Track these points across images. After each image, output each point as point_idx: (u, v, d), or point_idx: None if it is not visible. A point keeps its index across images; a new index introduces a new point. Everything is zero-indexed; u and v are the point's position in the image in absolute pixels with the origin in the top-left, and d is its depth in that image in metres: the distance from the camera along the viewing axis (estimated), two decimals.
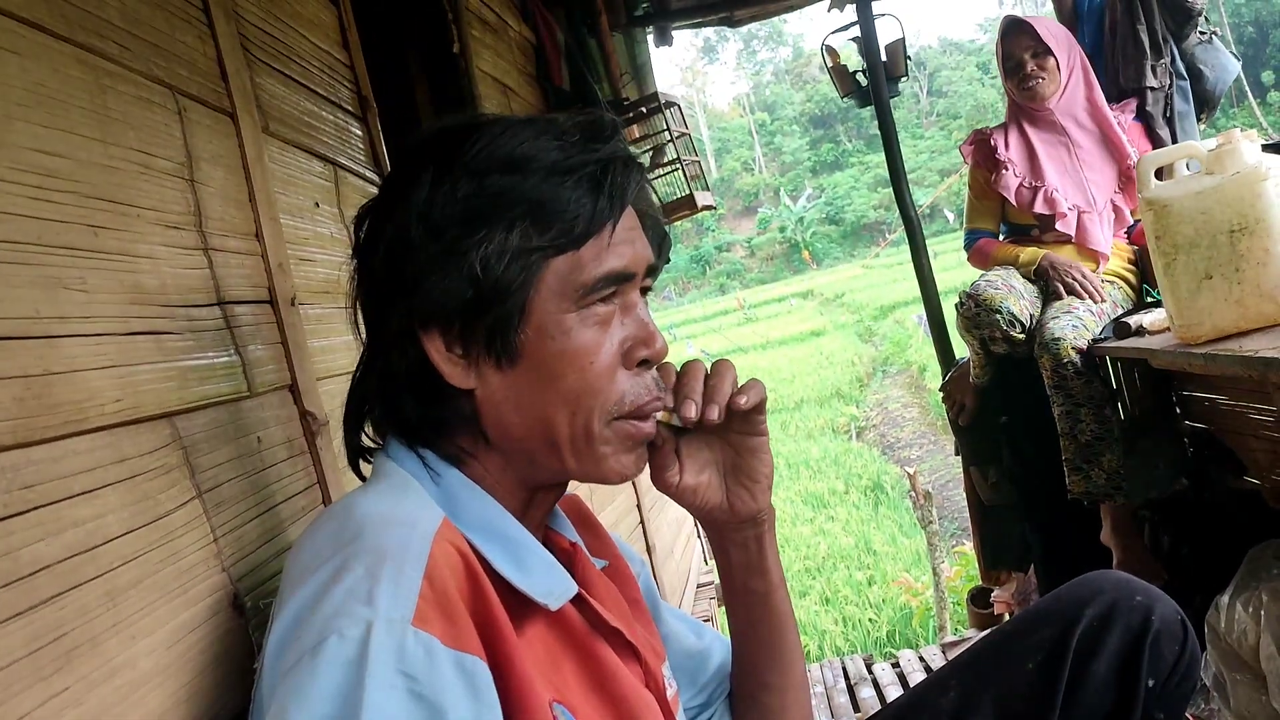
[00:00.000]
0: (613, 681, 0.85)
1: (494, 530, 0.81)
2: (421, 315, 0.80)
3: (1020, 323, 2.47)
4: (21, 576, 0.69)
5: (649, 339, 0.85)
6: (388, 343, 0.83)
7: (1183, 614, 1.07)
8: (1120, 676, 1.03)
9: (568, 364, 0.81)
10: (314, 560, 0.71)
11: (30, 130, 0.80)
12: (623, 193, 0.82)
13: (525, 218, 0.79)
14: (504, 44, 2.83)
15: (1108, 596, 1.06)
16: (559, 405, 0.82)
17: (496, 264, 0.79)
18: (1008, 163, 2.74)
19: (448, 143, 0.82)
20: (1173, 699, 1.05)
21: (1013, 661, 1.07)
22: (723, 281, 48.69)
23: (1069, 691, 1.03)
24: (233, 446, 1.01)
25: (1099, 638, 1.04)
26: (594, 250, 0.81)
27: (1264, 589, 1.70)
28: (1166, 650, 1.04)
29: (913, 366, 13.29)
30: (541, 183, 0.80)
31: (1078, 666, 1.04)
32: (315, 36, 1.50)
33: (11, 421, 0.71)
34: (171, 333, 0.94)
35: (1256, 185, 1.68)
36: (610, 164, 0.82)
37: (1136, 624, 1.04)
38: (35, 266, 0.78)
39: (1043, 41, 2.68)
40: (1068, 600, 1.09)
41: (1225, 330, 1.76)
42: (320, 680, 0.62)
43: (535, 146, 0.80)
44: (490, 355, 0.81)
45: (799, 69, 67.18)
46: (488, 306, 0.79)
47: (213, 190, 1.08)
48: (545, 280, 0.80)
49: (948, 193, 34.96)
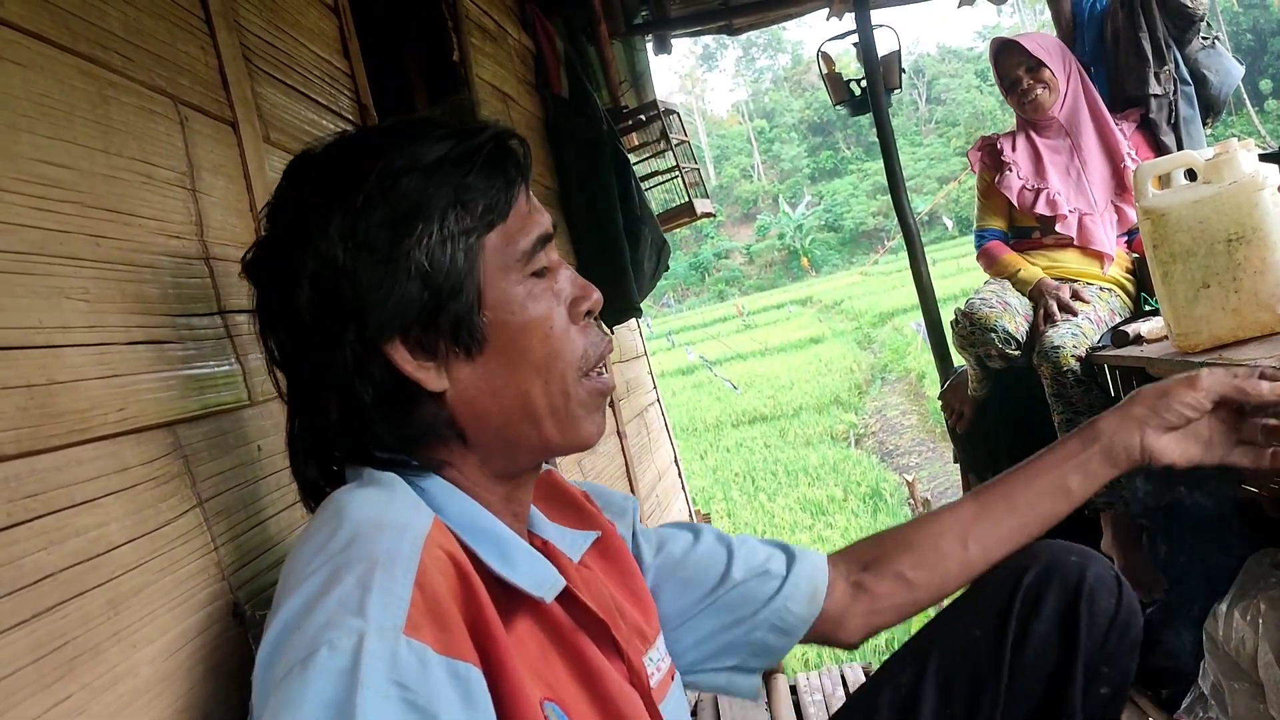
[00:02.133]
0: (599, 679, 0.86)
1: (479, 529, 0.82)
2: (378, 331, 0.80)
3: (1015, 339, 2.50)
4: (25, 585, 0.69)
5: (585, 290, 0.89)
6: (343, 377, 0.81)
7: (1117, 572, 1.11)
8: (1061, 633, 1.07)
9: (531, 334, 0.84)
10: (305, 568, 0.71)
11: (34, 141, 0.81)
12: (519, 162, 0.86)
13: (448, 205, 0.81)
14: (503, 52, 2.84)
15: (1044, 560, 1.10)
16: (533, 377, 0.84)
17: (441, 253, 0.80)
18: (1012, 164, 2.79)
19: (335, 167, 0.83)
20: (1115, 653, 1.08)
21: (960, 631, 1.11)
22: (721, 288, 48.69)
23: (1014, 654, 1.07)
24: (233, 455, 1.02)
25: (1039, 599, 1.08)
26: (517, 220, 0.85)
27: (1262, 597, 1.70)
28: (1103, 604, 1.07)
29: (911, 374, 13.28)
30: (453, 172, 0.82)
31: (1020, 629, 1.07)
32: (316, 45, 1.50)
33: (15, 431, 0.72)
34: (173, 342, 0.95)
35: (1253, 194, 1.69)
36: (499, 140, 0.85)
37: (1072, 582, 1.08)
38: (38, 276, 0.78)
39: (1033, 56, 2.72)
40: (1008, 569, 1.12)
41: (1223, 339, 1.76)
42: (312, 691, 0.62)
43: (425, 147, 0.82)
44: (458, 348, 0.82)
45: (798, 76, 67.28)
46: (445, 299, 0.80)
47: (214, 200, 1.09)
48: (487, 259, 0.83)
49: (946, 200, 35.02)
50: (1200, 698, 1.86)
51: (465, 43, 2.46)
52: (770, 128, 65.24)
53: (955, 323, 2.62)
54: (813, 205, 51.64)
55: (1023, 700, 1.06)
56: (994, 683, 1.06)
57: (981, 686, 1.07)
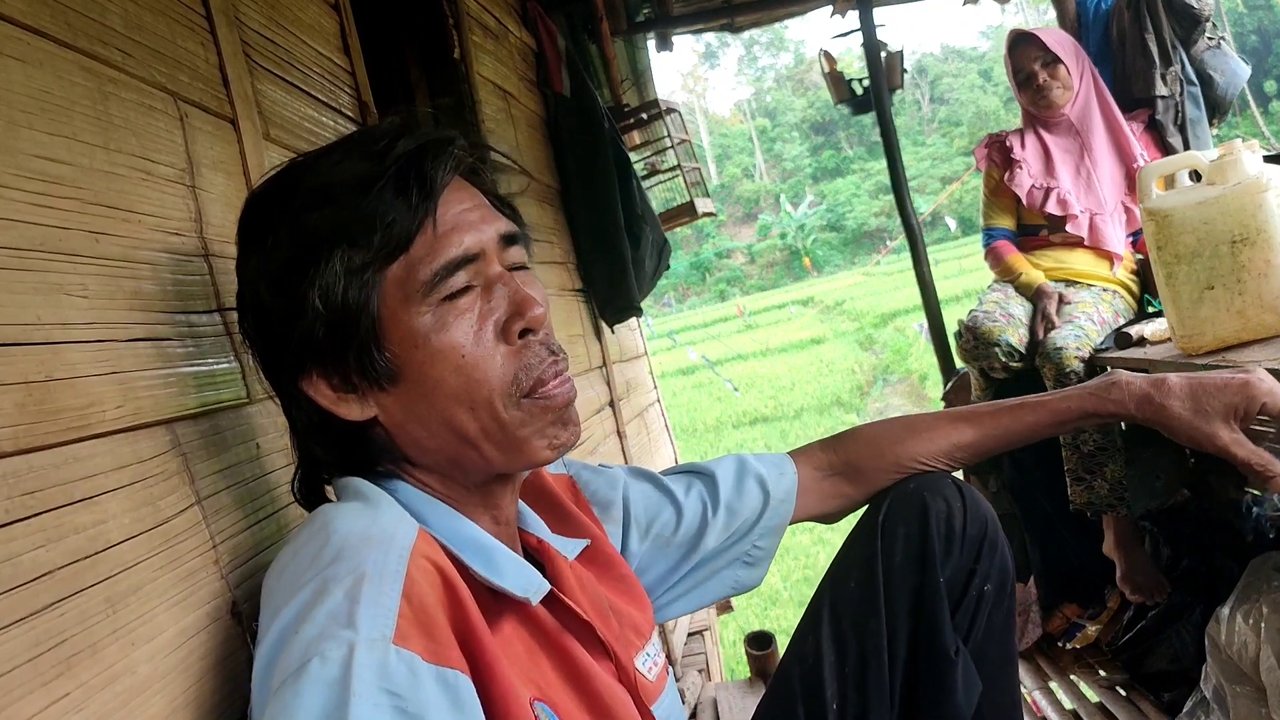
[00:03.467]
0: (586, 679, 0.87)
1: (462, 537, 0.83)
2: (294, 366, 0.83)
3: (1019, 352, 2.51)
4: (23, 582, 0.69)
5: (520, 308, 0.84)
6: (286, 402, 0.87)
7: (955, 480, 1.18)
8: (918, 555, 1.12)
9: (441, 365, 0.82)
10: (295, 581, 0.72)
11: (33, 136, 0.80)
12: (430, 183, 0.82)
13: (341, 241, 0.80)
14: (504, 49, 2.83)
15: (890, 498, 1.17)
16: (455, 406, 0.83)
17: (334, 293, 0.80)
18: (1022, 162, 2.76)
19: (264, 202, 0.85)
20: (979, 551, 1.14)
21: (841, 586, 1.15)
22: (722, 288, 48.65)
23: (886, 591, 1.11)
24: (232, 453, 1.01)
25: (893, 533, 1.13)
26: (423, 247, 0.81)
27: (1264, 601, 1.70)
28: (945, 514, 1.13)
29: (913, 375, 13.27)
30: (349, 202, 0.80)
31: (886, 565, 1.12)
32: (316, 42, 1.50)
33: (14, 427, 0.71)
34: (172, 339, 0.94)
35: (1258, 196, 1.68)
36: (411, 159, 0.82)
37: (916, 507, 1.14)
38: (37, 273, 0.78)
39: (1050, 50, 2.69)
40: (867, 519, 1.19)
41: (1226, 341, 1.76)
42: (305, 701, 0.63)
43: (340, 170, 0.82)
44: (370, 382, 0.83)
45: (800, 75, 67.25)
46: (345, 337, 0.81)
47: (214, 196, 1.08)
48: (387, 293, 0.81)
49: (949, 200, 35.00)
50: (1202, 701, 1.86)
51: (466, 40, 2.45)
52: (772, 127, 65.19)
53: (959, 335, 2.63)
54: (815, 205, 51.59)
55: (903, 626, 1.10)
56: (875, 621, 1.10)
57: (866, 631, 1.10)
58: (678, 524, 1.16)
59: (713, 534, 1.17)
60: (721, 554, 1.18)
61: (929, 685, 1.09)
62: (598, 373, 3.16)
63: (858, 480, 1.23)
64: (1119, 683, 2.38)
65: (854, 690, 1.08)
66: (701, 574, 1.19)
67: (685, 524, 1.16)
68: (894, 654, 1.09)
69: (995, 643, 1.16)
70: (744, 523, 1.18)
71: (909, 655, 1.10)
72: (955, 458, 1.21)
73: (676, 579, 1.18)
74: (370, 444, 0.87)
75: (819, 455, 1.24)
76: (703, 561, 1.18)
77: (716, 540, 1.17)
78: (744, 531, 1.19)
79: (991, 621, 1.15)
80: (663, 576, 1.18)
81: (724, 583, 1.20)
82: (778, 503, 1.20)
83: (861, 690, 1.08)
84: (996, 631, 1.16)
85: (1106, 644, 2.53)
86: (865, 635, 1.09)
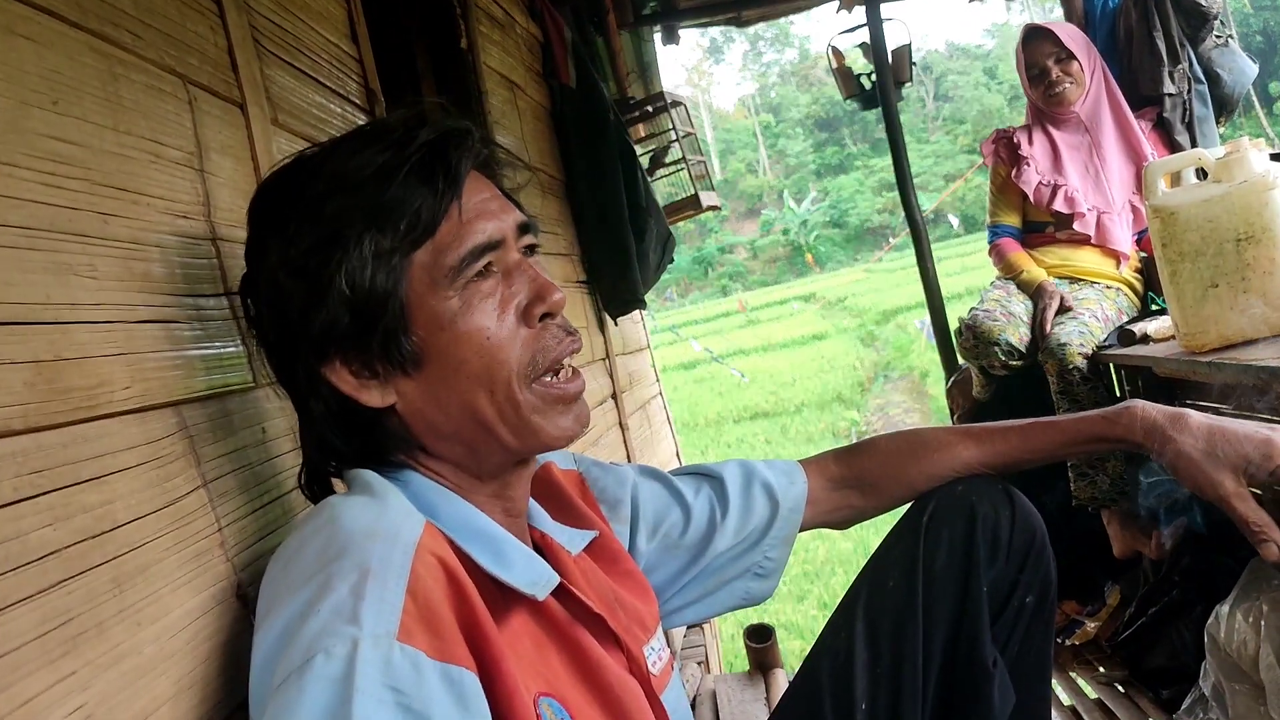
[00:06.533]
0: (597, 670, 0.87)
1: (472, 530, 0.83)
2: (316, 352, 0.83)
3: (1019, 351, 2.51)
4: (30, 561, 0.69)
5: (541, 293, 0.86)
6: (303, 392, 0.87)
7: (1005, 486, 1.17)
8: (962, 560, 1.11)
9: (466, 346, 0.83)
10: (299, 575, 0.72)
11: (44, 117, 0.80)
12: (455, 170, 0.83)
13: (371, 226, 0.81)
14: (511, 40, 2.83)
15: (937, 499, 1.16)
16: (476, 388, 0.84)
17: (361, 277, 0.80)
18: (1030, 158, 2.75)
19: (281, 190, 0.86)
20: (1025, 560, 1.13)
21: (879, 584, 1.14)
22: (725, 283, 48.65)
23: (925, 592, 1.10)
24: (238, 437, 1.02)
25: (938, 536, 1.12)
26: (449, 233, 0.83)
27: (1264, 599, 1.70)
28: (994, 520, 1.12)
29: (915, 372, 13.26)
30: (374, 189, 0.81)
31: (928, 567, 1.11)
32: (325, 29, 1.50)
33: (23, 406, 0.71)
34: (179, 321, 0.94)
35: (1263, 194, 1.68)
36: (434, 147, 0.83)
37: (964, 510, 1.13)
38: (46, 253, 0.78)
39: (1065, 46, 2.68)
40: (909, 519, 1.18)
41: (1230, 339, 1.76)
42: (308, 697, 0.63)
43: (360, 159, 0.83)
44: (394, 366, 0.83)
45: (805, 71, 67.15)
46: (370, 321, 0.81)
47: (221, 180, 1.08)
48: (414, 277, 0.82)
49: (952, 198, 34.97)
50: (1201, 698, 1.86)
51: (473, 30, 2.45)
52: (776, 122, 65.12)
53: (959, 334, 2.62)
54: (818, 201, 51.57)
55: (941, 632, 1.09)
56: (912, 625, 1.09)
57: (903, 632, 1.09)
58: (686, 525, 1.16)
59: (721, 538, 1.16)
60: (731, 563, 1.18)
61: (965, 695, 1.08)
62: (601, 365, 3.16)
63: (869, 494, 1.22)
64: (1118, 679, 2.38)
65: (886, 692, 1.07)
66: (711, 582, 1.18)
67: (694, 526, 1.16)
68: (929, 659, 1.08)
69: (1033, 655, 1.15)
70: (753, 531, 1.18)
71: (944, 662, 1.09)
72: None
73: (685, 582, 1.17)
74: (385, 433, 0.87)
75: (831, 467, 1.24)
76: (711, 567, 1.17)
77: (725, 545, 1.16)
78: (754, 541, 1.18)
79: (1030, 634, 1.14)
80: (671, 578, 1.17)
81: (735, 594, 1.19)
82: (787, 512, 1.19)
83: (894, 693, 1.07)
84: (1035, 644, 1.15)
85: (1106, 641, 2.54)
86: (901, 638, 1.08)
